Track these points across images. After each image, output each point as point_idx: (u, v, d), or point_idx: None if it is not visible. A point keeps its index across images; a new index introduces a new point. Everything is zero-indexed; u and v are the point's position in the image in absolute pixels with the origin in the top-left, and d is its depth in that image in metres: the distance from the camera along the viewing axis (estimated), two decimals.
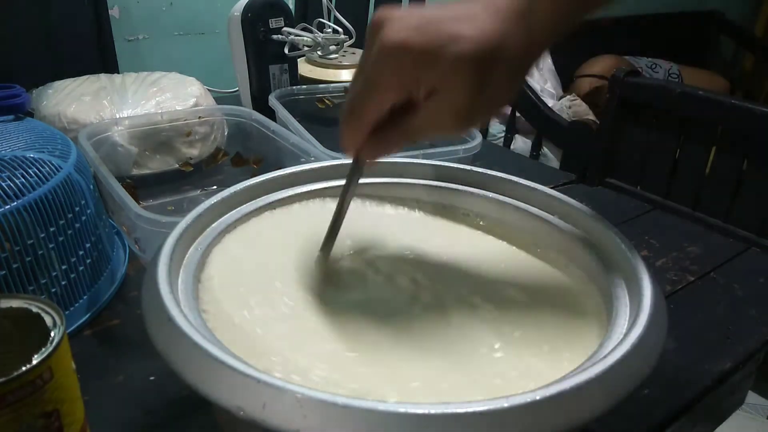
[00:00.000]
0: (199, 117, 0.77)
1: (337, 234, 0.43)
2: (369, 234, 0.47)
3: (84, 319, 0.52)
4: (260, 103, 0.89)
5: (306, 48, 0.95)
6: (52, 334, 0.31)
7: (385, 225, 0.49)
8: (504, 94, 0.35)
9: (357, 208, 0.50)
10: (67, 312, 0.51)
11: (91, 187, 0.55)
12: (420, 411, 0.26)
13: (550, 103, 1.87)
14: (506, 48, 0.33)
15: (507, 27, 0.33)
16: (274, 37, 0.90)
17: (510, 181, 0.48)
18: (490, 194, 0.49)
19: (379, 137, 0.37)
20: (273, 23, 0.89)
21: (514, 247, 0.47)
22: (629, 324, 0.33)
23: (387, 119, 0.36)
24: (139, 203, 0.54)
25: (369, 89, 0.35)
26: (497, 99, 0.35)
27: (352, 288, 0.42)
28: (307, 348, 0.36)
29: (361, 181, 0.50)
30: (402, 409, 0.26)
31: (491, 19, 0.33)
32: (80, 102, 0.76)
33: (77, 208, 0.51)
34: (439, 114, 0.35)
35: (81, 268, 0.51)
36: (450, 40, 0.32)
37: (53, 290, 0.49)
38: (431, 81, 0.34)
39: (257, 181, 0.47)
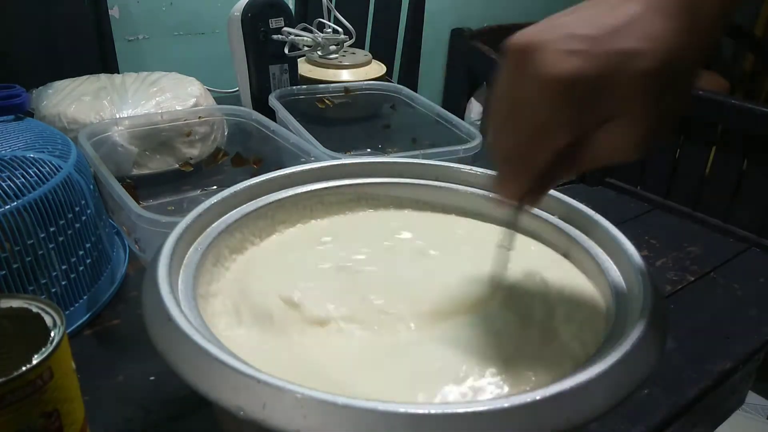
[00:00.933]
0: (199, 117, 0.77)
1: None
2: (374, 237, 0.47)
3: (84, 319, 0.52)
4: (260, 103, 0.89)
5: (306, 48, 0.95)
6: (52, 334, 0.31)
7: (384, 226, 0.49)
8: (683, 105, 0.30)
9: (356, 211, 0.50)
10: (67, 312, 0.51)
11: (91, 187, 0.55)
12: (420, 411, 0.26)
13: None
14: (682, 52, 0.28)
15: (678, 25, 0.28)
16: (274, 37, 0.90)
17: None
18: (491, 194, 0.49)
19: (545, 181, 0.32)
20: (273, 23, 0.89)
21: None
22: (629, 324, 0.33)
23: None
24: (139, 203, 0.54)
25: (539, 135, 0.29)
26: (675, 115, 0.30)
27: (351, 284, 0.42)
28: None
29: (362, 181, 0.50)
30: (402, 409, 0.26)
31: (660, 18, 0.27)
32: (80, 102, 0.76)
33: (77, 208, 0.51)
34: (618, 143, 0.29)
35: (81, 268, 0.51)
36: (626, 59, 0.27)
37: (53, 290, 0.49)
38: (609, 110, 0.28)
39: (257, 181, 0.47)
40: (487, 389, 0.33)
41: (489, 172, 0.49)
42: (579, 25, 0.28)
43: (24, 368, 0.28)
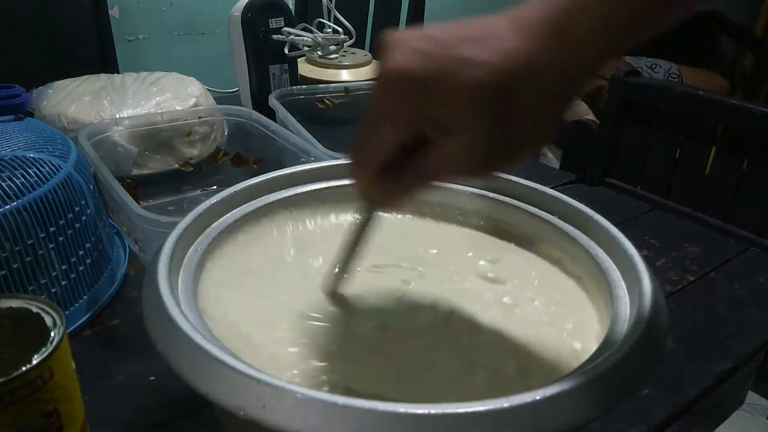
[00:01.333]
0: (199, 117, 0.77)
1: (344, 273, 0.40)
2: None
3: (84, 319, 0.52)
4: (260, 103, 0.89)
5: (306, 48, 0.95)
6: (52, 334, 0.31)
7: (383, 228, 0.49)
8: (538, 131, 0.29)
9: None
10: (67, 312, 0.51)
11: (91, 187, 0.55)
12: (420, 411, 0.26)
13: None
14: (536, 71, 0.27)
15: (537, 44, 0.27)
16: (274, 37, 0.90)
17: (510, 181, 0.48)
18: (490, 194, 0.49)
19: (390, 180, 0.32)
20: (273, 23, 0.89)
21: (512, 244, 0.47)
22: (629, 324, 0.33)
23: (402, 159, 0.31)
24: (139, 203, 0.54)
25: (371, 125, 0.30)
26: (528, 137, 0.29)
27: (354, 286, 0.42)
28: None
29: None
30: (402, 409, 0.26)
31: (516, 35, 0.27)
32: (80, 102, 0.76)
33: (77, 208, 0.51)
34: (453, 156, 0.29)
35: (81, 268, 0.51)
36: (460, 67, 0.27)
37: (53, 290, 0.49)
38: (439, 115, 0.28)
39: (257, 181, 0.47)
40: None
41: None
42: (440, 31, 0.28)
43: (24, 368, 0.28)
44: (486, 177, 0.30)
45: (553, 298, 0.41)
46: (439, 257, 0.46)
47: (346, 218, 0.50)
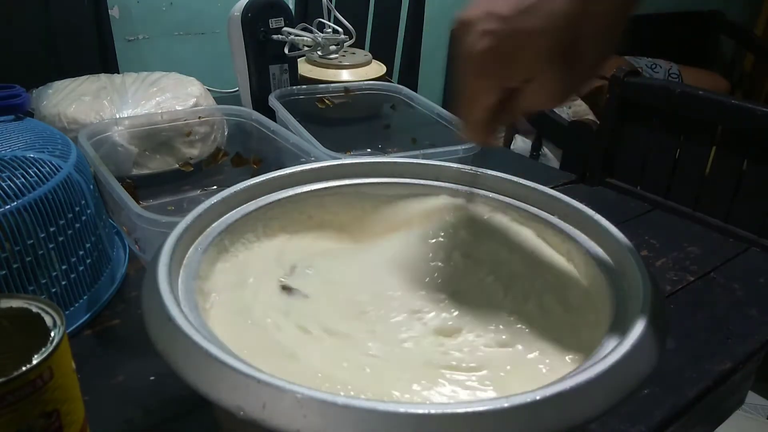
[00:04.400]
0: (199, 117, 0.77)
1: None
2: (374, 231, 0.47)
3: (84, 319, 0.52)
4: (260, 103, 0.89)
5: (306, 48, 0.95)
6: (52, 334, 0.31)
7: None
8: (592, 65, 0.35)
9: (356, 208, 0.50)
10: (67, 312, 0.51)
11: (91, 187, 0.55)
12: (420, 411, 0.26)
13: None
14: (580, 26, 0.33)
15: (575, 4, 0.33)
16: (274, 37, 0.90)
17: (510, 181, 0.48)
18: (490, 194, 0.49)
19: (495, 125, 0.40)
20: (273, 23, 0.89)
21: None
22: (629, 324, 0.33)
23: (500, 106, 0.38)
24: (139, 203, 0.54)
25: (469, 100, 0.38)
26: (587, 70, 0.36)
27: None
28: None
29: (361, 181, 0.50)
30: (402, 409, 0.26)
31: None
32: (80, 102, 0.76)
33: (77, 208, 0.51)
34: (538, 96, 0.36)
35: (81, 268, 0.51)
36: (525, 39, 0.34)
37: (53, 290, 0.49)
38: (520, 75, 0.36)
39: (257, 181, 0.47)
40: None
41: (489, 172, 0.49)
42: (500, 4, 0.34)
43: (24, 368, 0.28)
44: (562, 104, 0.40)
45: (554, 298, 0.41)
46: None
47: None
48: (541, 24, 0.33)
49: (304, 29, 0.95)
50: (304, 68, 1.01)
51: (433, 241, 0.46)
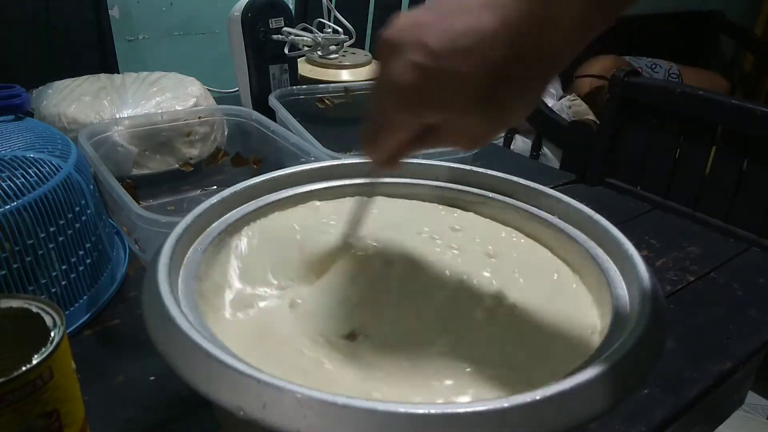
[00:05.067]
0: (199, 117, 0.77)
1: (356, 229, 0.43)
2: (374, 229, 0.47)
3: (84, 319, 0.52)
4: (260, 103, 0.89)
5: (306, 48, 0.95)
6: (52, 334, 0.31)
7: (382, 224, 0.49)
8: (518, 110, 0.33)
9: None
10: (67, 312, 0.51)
11: (91, 187, 0.55)
12: (420, 411, 0.26)
13: (550, 103, 1.87)
14: (516, 70, 0.31)
15: (518, 40, 0.30)
16: (274, 37, 0.90)
17: (510, 181, 0.48)
18: (490, 194, 0.49)
19: (400, 153, 0.37)
20: (273, 23, 0.89)
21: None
22: (629, 324, 0.33)
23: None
24: (139, 203, 0.54)
25: (383, 127, 0.35)
26: (511, 116, 0.33)
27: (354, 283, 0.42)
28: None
29: (362, 181, 0.50)
30: (402, 409, 0.26)
31: (500, 29, 0.30)
32: (80, 102, 0.76)
33: (77, 208, 0.51)
34: (454, 138, 0.35)
35: (81, 268, 0.51)
36: (451, 80, 0.31)
37: (53, 290, 0.49)
38: (436, 115, 0.33)
39: (257, 181, 0.47)
40: None
41: (489, 172, 0.49)
42: (432, 31, 0.31)
43: (24, 368, 0.28)
44: (479, 147, 0.37)
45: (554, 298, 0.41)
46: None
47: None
48: (471, 69, 0.30)
49: (304, 29, 0.95)
50: (304, 68, 1.01)
51: (433, 242, 0.46)
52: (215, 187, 0.77)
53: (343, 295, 0.40)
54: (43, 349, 0.30)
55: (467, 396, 0.33)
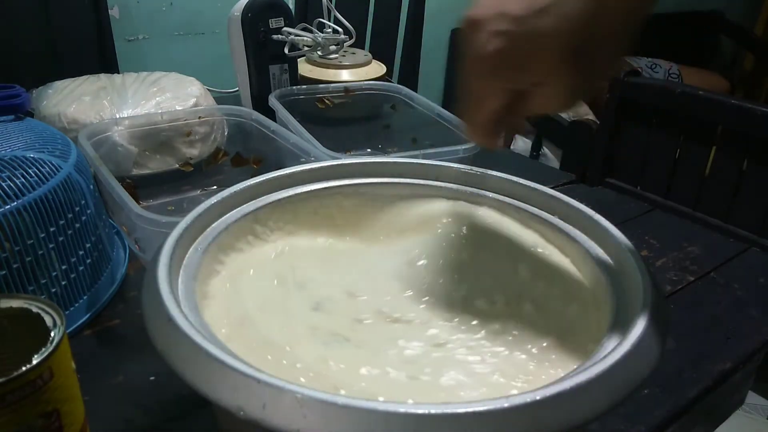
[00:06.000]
0: (199, 117, 0.77)
1: None
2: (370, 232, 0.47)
3: (84, 319, 0.52)
4: (260, 103, 0.89)
5: (306, 48, 0.95)
6: (52, 334, 0.31)
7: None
8: (603, 69, 0.35)
9: (356, 205, 0.50)
10: (67, 312, 0.51)
11: (91, 187, 0.55)
12: (420, 411, 0.26)
13: None
14: (592, 29, 0.32)
15: (588, 6, 0.32)
16: (274, 37, 0.90)
17: (510, 181, 0.48)
18: (490, 194, 0.49)
19: (500, 127, 0.39)
20: (273, 23, 0.89)
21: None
22: (629, 324, 0.33)
23: (506, 110, 0.37)
24: (139, 203, 0.54)
25: (475, 101, 0.37)
26: (597, 74, 0.35)
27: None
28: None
29: (362, 180, 0.50)
30: (402, 409, 0.26)
31: (574, 2, 0.32)
32: (80, 102, 0.76)
33: (77, 208, 0.51)
34: (546, 100, 0.36)
35: (81, 268, 0.51)
36: (537, 40, 0.33)
37: (53, 290, 0.49)
38: (530, 79, 0.35)
39: (257, 181, 0.47)
40: None
41: (489, 172, 0.49)
42: (508, 2, 0.33)
43: (24, 368, 0.28)
44: (571, 108, 0.39)
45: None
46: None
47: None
48: (554, 25, 0.32)
49: (304, 29, 0.95)
50: (304, 68, 1.01)
51: (434, 244, 0.46)
52: (215, 187, 0.77)
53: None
54: (43, 349, 0.30)
55: None
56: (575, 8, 0.32)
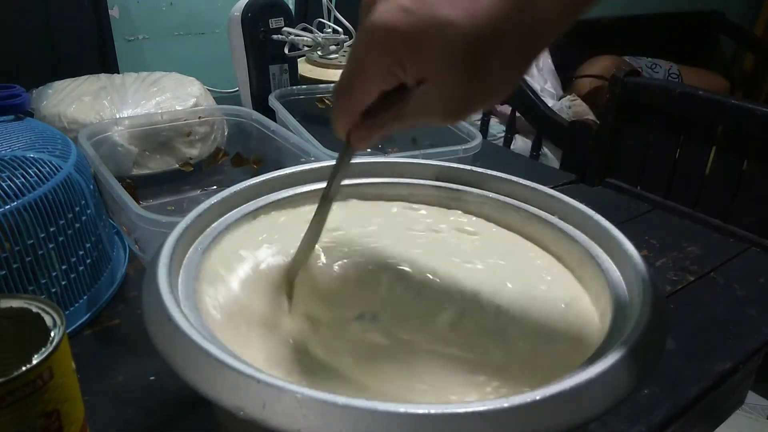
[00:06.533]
0: (199, 117, 0.77)
1: (322, 226, 0.41)
2: (366, 233, 0.47)
3: (84, 319, 0.52)
4: (260, 103, 0.89)
5: (306, 48, 0.95)
6: (52, 334, 0.31)
7: (381, 223, 0.49)
8: (501, 85, 0.32)
9: (357, 205, 0.50)
10: (67, 312, 0.51)
11: (91, 187, 0.55)
12: (420, 411, 0.26)
13: (550, 103, 1.87)
14: (504, 34, 0.30)
15: (506, 7, 0.29)
16: (274, 37, 0.90)
17: (510, 181, 0.48)
18: (491, 194, 0.49)
19: (369, 121, 0.35)
20: (273, 23, 0.89)
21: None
22: (629, 324, 0.33)
23: (380, 102, 0.34)
24: (139, 203, 0.54)
25: (355, 73, 0.33)
26: (493, 90, 0.32)
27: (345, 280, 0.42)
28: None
29: (362, 180, 0.50)
30: (402, 409, 0.26)
31: None
32: (80, 102, 0.76)
33: (77, 208, 0.51)
34: (428, 103, 0.33)
35: (81, 268, 0.51)
36: (438, 26, 0.29)
37: (53, 290, 0.49)
38: (418, 68, 0.31)
39: (257, 181, 0.47)
40: None
41: (489, 172, 0.49)
42: None
43: (24, 368, 0.28)
44: (453, 122, 0.34)
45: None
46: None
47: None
48: (459, 18, 0.29)
49: (304, 29, 0.95)
50: (304, 68, 1.01)
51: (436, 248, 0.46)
52: (215, 187, 0.77)
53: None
54: (43, 349, 0.30)
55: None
56: (489, 7, 0.29)
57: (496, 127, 1.88)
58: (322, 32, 0.98)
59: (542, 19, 0.30)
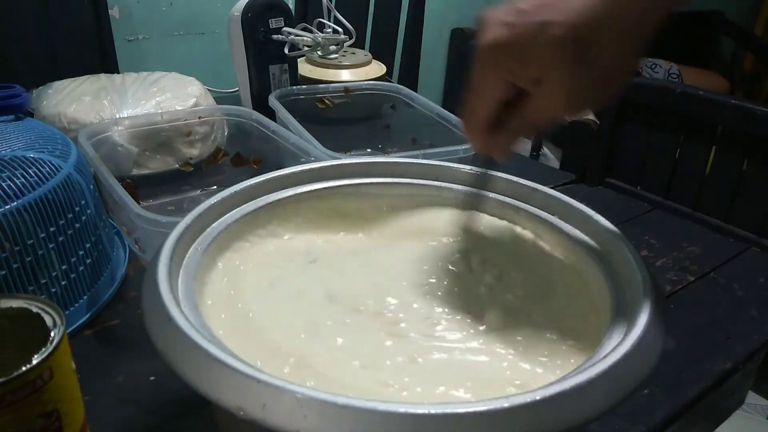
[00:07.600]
0: (199, 117, 0.77)
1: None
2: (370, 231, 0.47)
3: (84, 319, 0.52)
4: (260, 103, 0.89)
5: (306, 48, 0.95)
6: (52, 334, 0.31)
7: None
8: (616, 70, 0.34)
9: (358, 205, 0.50)
10: (67, 312, 0.51)
11: (91, 187, 0.55)
12: (420, 411, 0.26)
13: None
14: (604, 23, 0.32)
15: (598, 3, 0.32)
16: (274, 37, 0.90)
17: (510, 181, 0.48)
18: (491, 194, 0.49)
19: (500, 132, 0.38)
20: (273, 23, 0.89)
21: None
22: (629, 324, 0.33)
23: (507, 114, 0.37)
24: (139, 203, 0.54)
25: (474, 92, 0.36)
26: (608, 77, 0.34)
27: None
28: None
29: (362, 180, 0.50)
30: (402, 409, 0.26)
31: None
32: (80, 102, 0.76)
33: (77, 208, 0.51)
34: (548, 101, 0.35)
35: (81, 268, 0.52)
36: (540, 29, 0.32)
37: (53, 290, 0.49)
38: (531, 73, 0.34)
39: (257, 181, 0.47)
40: None
41: (489, 172, 0.49)
42: (521, 3, 0.33)
43: (24, 368, 0.28)
44: (575, 114, 0.36)
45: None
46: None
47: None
48: (558, 17, 0.32)
49: (304, 29, 0.95)
50: (304, 68, 1.01)
51: (435, 248, 0.46)
52: (215, 187, 0.77)
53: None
54: (43, 349, 0.30)
55: None
56: (583, 4, 0.32)
57: None
58: (322, 32, 0.98)
59: (635, 8, 0.33)
